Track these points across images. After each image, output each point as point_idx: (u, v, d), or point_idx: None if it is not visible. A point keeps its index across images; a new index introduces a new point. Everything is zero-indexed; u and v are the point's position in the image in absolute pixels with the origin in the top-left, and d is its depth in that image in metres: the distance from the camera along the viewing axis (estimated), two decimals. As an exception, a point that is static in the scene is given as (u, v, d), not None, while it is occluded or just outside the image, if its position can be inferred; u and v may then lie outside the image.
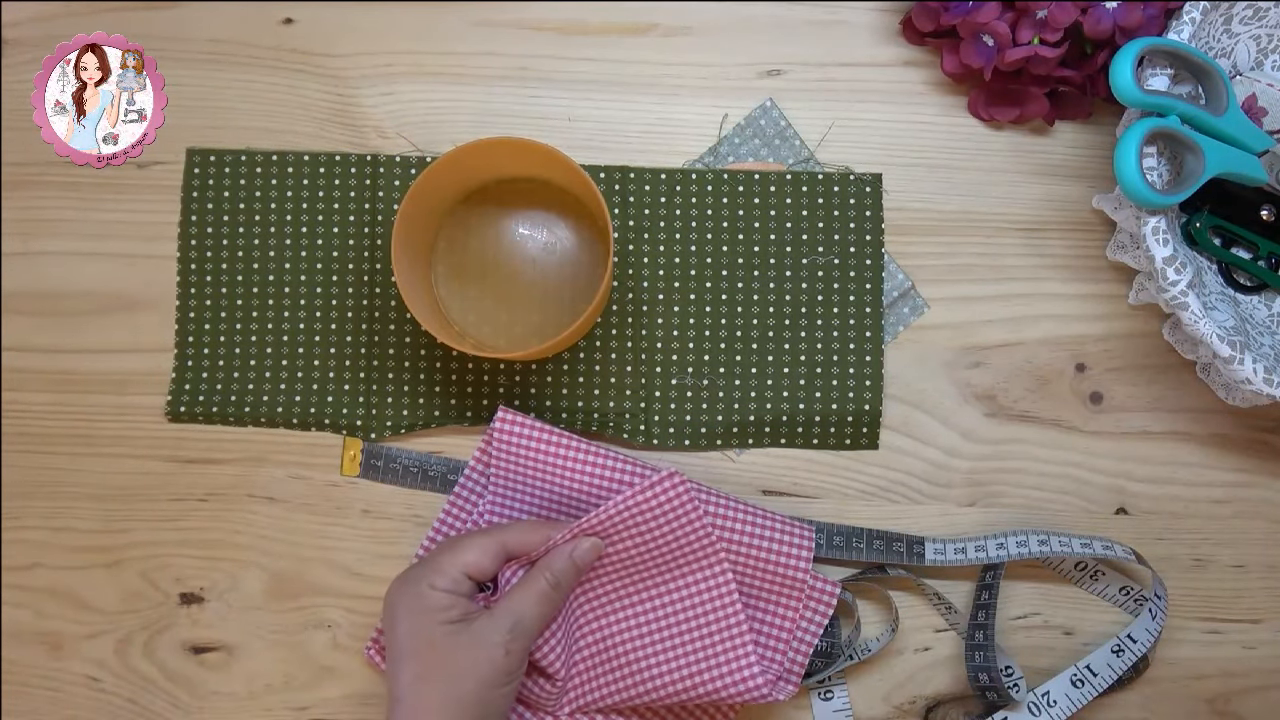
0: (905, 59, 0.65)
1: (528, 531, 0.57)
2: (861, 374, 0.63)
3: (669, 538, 0.58)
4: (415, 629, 0.53)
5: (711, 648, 0.58)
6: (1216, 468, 0.64)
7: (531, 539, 0.56)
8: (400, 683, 0.52)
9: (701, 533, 0.58)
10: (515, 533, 0.56)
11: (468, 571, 0.54)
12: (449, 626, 0.53)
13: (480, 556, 0.55)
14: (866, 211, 0.64)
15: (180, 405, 0.64)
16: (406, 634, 0.53)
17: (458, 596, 0.53)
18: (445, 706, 0.51)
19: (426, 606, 0.53)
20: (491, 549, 0.55)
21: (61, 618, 0.63)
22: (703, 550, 0.58)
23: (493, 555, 0.55)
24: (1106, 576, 0.63)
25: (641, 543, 0.58)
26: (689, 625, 0.59)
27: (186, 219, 0.65)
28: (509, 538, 0.56)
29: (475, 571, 0.54)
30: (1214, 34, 0.60)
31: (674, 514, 0.57)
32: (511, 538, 0.56)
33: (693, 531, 0.58)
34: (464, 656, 0.52)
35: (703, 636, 0.58)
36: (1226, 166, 0.58)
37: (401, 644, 0.53)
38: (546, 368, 0.63)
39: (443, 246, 0.64)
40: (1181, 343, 0.63)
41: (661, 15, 0.66)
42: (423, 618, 0.53)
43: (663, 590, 0.59)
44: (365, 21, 0.66)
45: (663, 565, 0.59)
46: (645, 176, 0.64)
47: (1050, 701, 0.61)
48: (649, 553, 0.58)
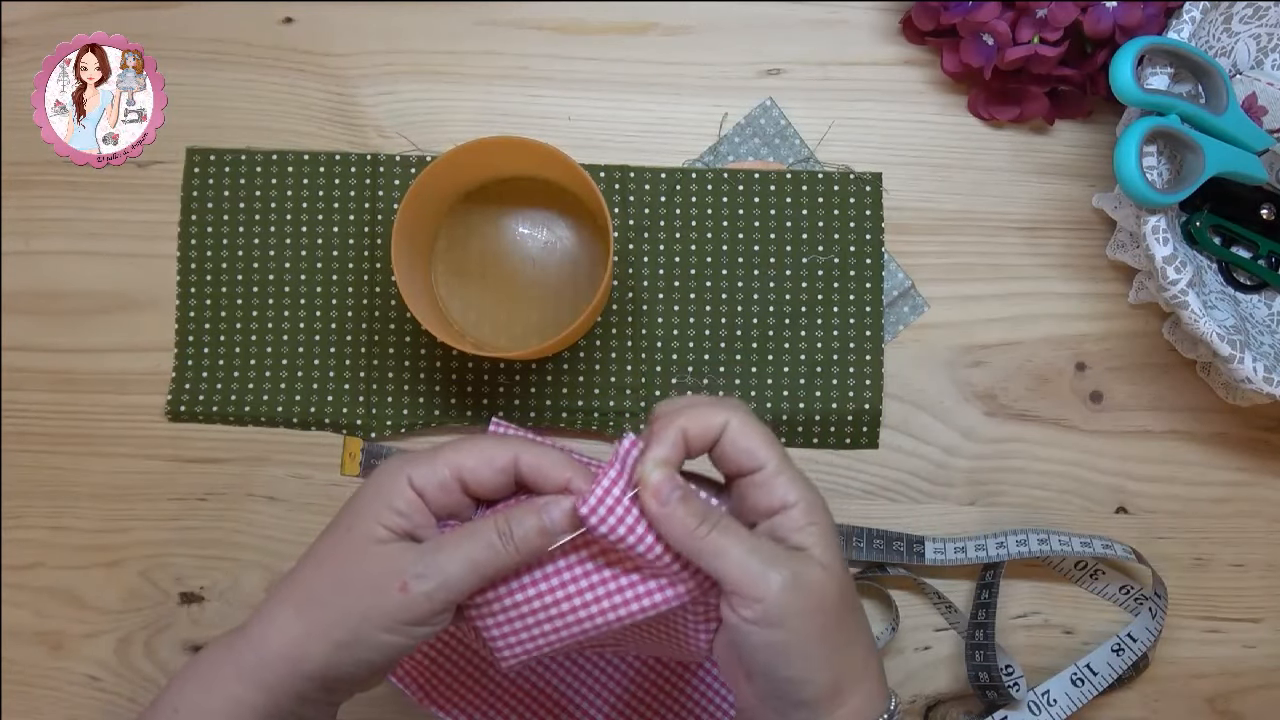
0: (905, 58, 0.65)
1: (550, 459, 0.45)
2: (861, 373, 0.63)
3: None
4: (358, 508, 0.44)
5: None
6: (1217, 467, 0.64)
7: (553, 475, 0.45)
8: (308, 553, 0.45)
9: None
10: (535, 454, 0.45)
11: (461, 477, 0.44)
12: (382, 531, 0.43)
13: (478, 462, 0.44)
14: (866, 210, 0.64)
15: (180, 405, 0.64)
16: (350, 507, 0.45)
17: (424, 507, 0.44)
18: (312, 607, 0.43)
19: (384, 494, 0.44)
20: (496, 458, 0.44)
21: (61, 617, 0.63)
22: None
23: (494, 465, 0.44)
24: (1106, 575, 0.63)
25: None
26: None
27: (186, 218, 0.65)
28: (527, 456, 0.45)
29: (472, 480, 0.44)
30: (1214, 33, 0.60)
31: None
32: (530, 458, 0.45)
33: None
34: (361, 571, 0.43)
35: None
36: (1226, 165, 0.58)
37: (339, 514, 0.45)
38: (546, 367, 0.64)
39: (442, 246, 0.64)
40: (1181, 342, 0.63)
41: (661, 15, 0.66)
42: (371, 502, 0.44)
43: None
44: (365, 21, 0.66)
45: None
46: (645, 176, 0.64)
47: (1050, 700, 0.61)
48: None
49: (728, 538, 0.43)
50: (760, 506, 0.45)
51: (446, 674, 0.62)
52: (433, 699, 0.61)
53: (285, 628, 0.44)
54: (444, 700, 0.61)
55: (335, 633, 0.43)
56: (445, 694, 0.61)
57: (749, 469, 0.45)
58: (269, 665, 0.44)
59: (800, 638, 0.43)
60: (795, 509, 0.44)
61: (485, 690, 0.61)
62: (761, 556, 0.43)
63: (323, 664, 0.43)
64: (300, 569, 0.45)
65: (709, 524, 0.44)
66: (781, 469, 0.45)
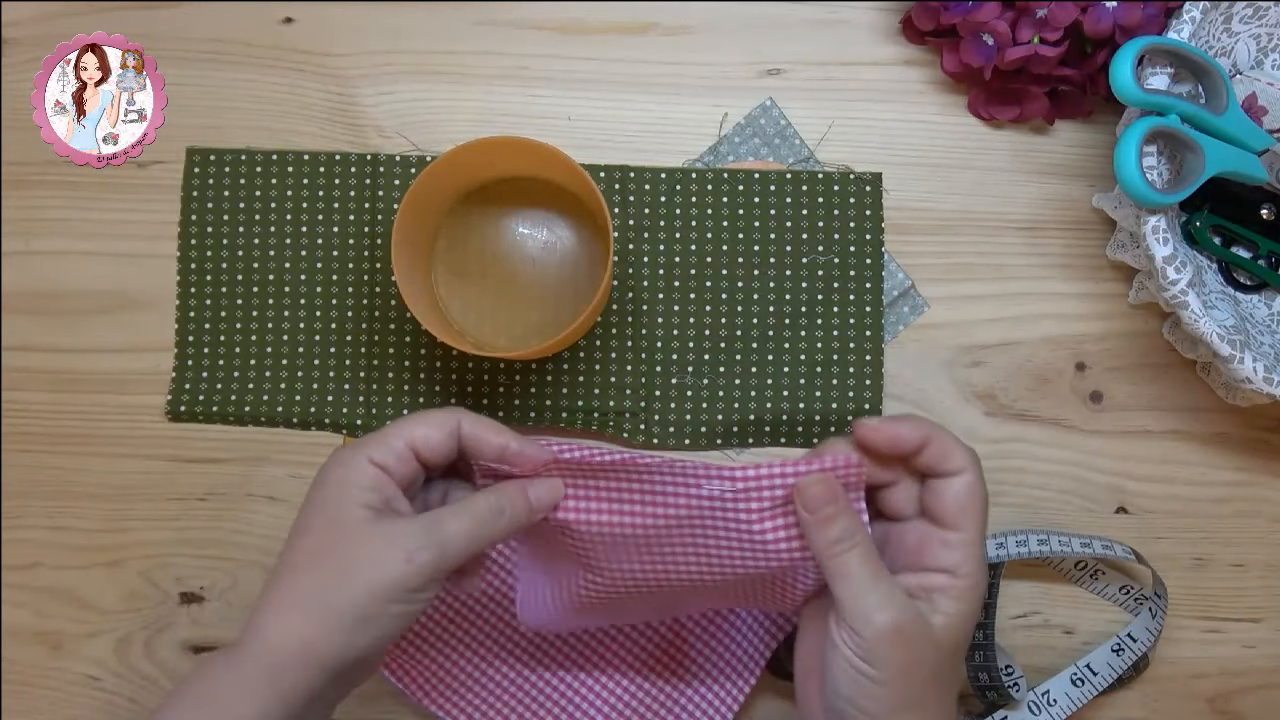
0: (905, 58, 0.65)
1: (487, 429, 0.49)
2: (861, 373, 0.63)
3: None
4: (327, 501, 0.46)
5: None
6: (1217, 467, 0.64)
7: (489, 439, 0.48)
8: (284, 557, 0.46)
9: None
10: (473, 422, 0.49)
11: (414, 445, 0.47)
12: (364, 511, 0.45)
13: (428, 430, 0.47)
14: (866, 211, 0.64)
15: (180, 405, 0.64)
16: (317, 503, 0.46)
17: (390, 479, 0.46)
18: (316, 601, 0.44)
19: (351, 479, 0.46)
20: (443, 423, 0.48)
21: (61, 617, 0.63)
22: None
23: (444, 430, 0.47)
24: (1106, 575, 0.63)
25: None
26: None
27: (186, 218, 0.65)
28: (466, 423, 0.48)
29: (424, 448, 0.47)
30: (1214, 33, 0.60)
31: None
32: (469, 424, 0.48)
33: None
34: (362, 552, 0.45)
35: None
36: (1226, 165, 0.58)
37: (307, 513, 0.46)
38: (546, 367, 0.63)
39: (443, 246, 0.64)
40: (1181, 342, 0.63)
41: (661, 15, 0.66)
42: (342, 491, 0.45)
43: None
44: (365, 21, 0.66)
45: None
46: (645, 176, 0.64)
47: (1050, 700, 0.61)
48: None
49: (857, 564, 0.46)
50: (928, 562, 0.47)
51: (446, 673, 0.62)
52: (432, 698, 0.61)
53: (293, 630, 0.45)
54: (444, 700, 0.61)
55: (346, 617, 0.44)
56: (445, 694, 0.61)
57: (946, 522, 0.47)
58: (281, 670, 0.44)
59: (884, 680, 0.45)
60: (959, 582, 0.47)
61: (485, 690, 0.61)
62: (880, 595, 0.46)
63: (339, 651, 0.45)
64: (288, 573, 0.46)
65: (846, 544, 0.46)
66: (975, 542, 0.47)
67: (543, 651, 0.62)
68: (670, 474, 0.49)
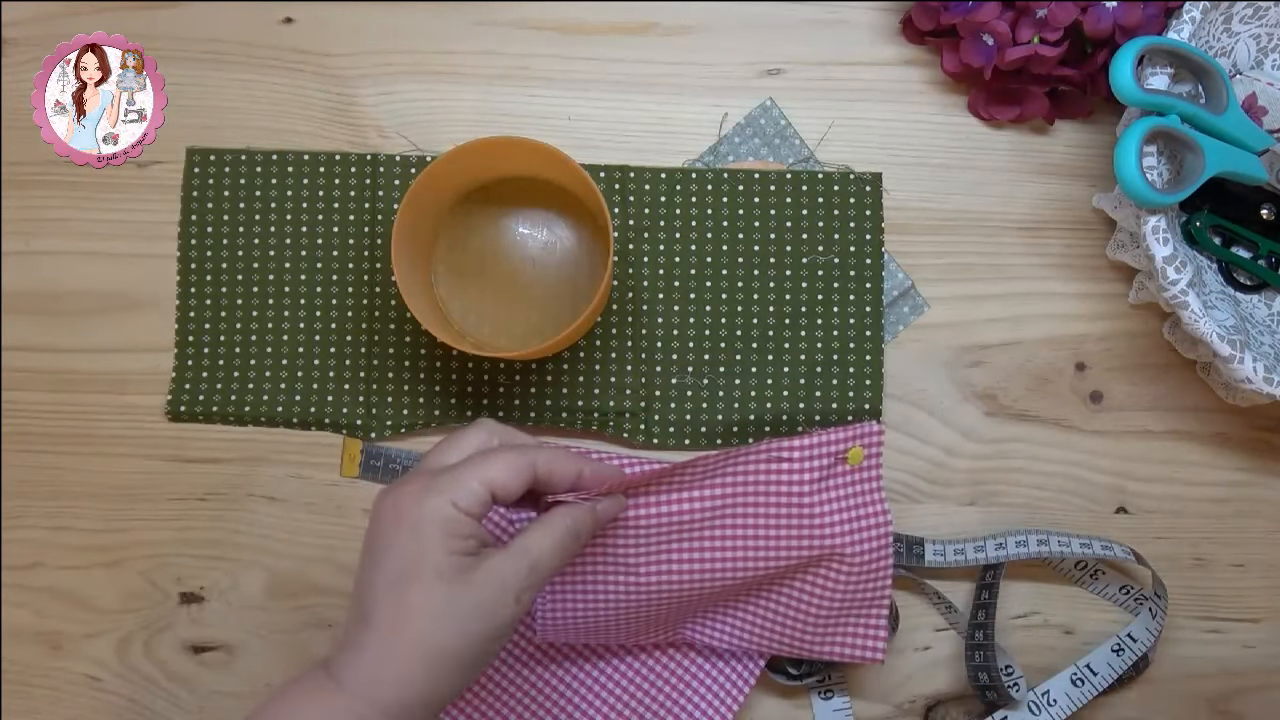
0: (905, 58, 0.65)
1: (561, 460, 0.48)
2: (861, 373, 0.63)
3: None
4: (422, 551, 0.45)
5: (845, 619, 0.58)
6: (1217, 467, 0.64)
7: (565, 470, 0.48)
8: (378, 604, 0.45)
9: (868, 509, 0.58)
10: (548, 457, 0.48)
11: (493, 490, 0.46)
12: (461, 559, 0.45)
13: (508, 475, 0.46)
14: (866, 211, 0.64)
15: (180, 405, 0.64)
16: (404, 550, 0.45)
17: (479, 523, 0.46)
18: (435, 654, 0.44)
19: (444, 529, 0.45)
20: (522, 469, 0.47)
21: (61, 617, 0.63)
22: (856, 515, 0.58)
23: (522, 476, 0.47)
24: (1106, 575, 0.63)
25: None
26: (826, 592, 0.58)
27: (186, 218, 0.65)
28: (541, 460, 0.48)
29: (501, 493, 0.46)
30: (1214, 33, 0.60)
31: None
32: (544, 461, 0.48)
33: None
34: (472, 596, 0.45)
35: (839, 608, 0.58)
36: (1226, 165, 0.58)
37: (393, 559, 0.45)
38: (546, 367, 0.63)
39: (443, 246, 0.64)
40: (1181, 342, 0.63)
41: (661, 15, 0.66)
42: (434, 540, 0.45)
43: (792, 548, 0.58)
44: (365, 21, 0.66)
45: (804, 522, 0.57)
46: (645, 176, 0.64)
47: (1050, 700, 0.61)
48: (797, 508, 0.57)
49: None
50: None
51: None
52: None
53: (415, 682, 0.45)
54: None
55: (464, 661, 0.45)
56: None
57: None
58: (398, 715, 0.45)
59: None
60: None
61: (484, 690, 0.61)
62: None
63: (454, 694, 0.46)
64: (394, 621, 0.45)
65: None
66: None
67: (543, 651, 0.61)
68: (716, 460, 0.55)
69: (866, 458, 0.58)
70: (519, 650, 0.62)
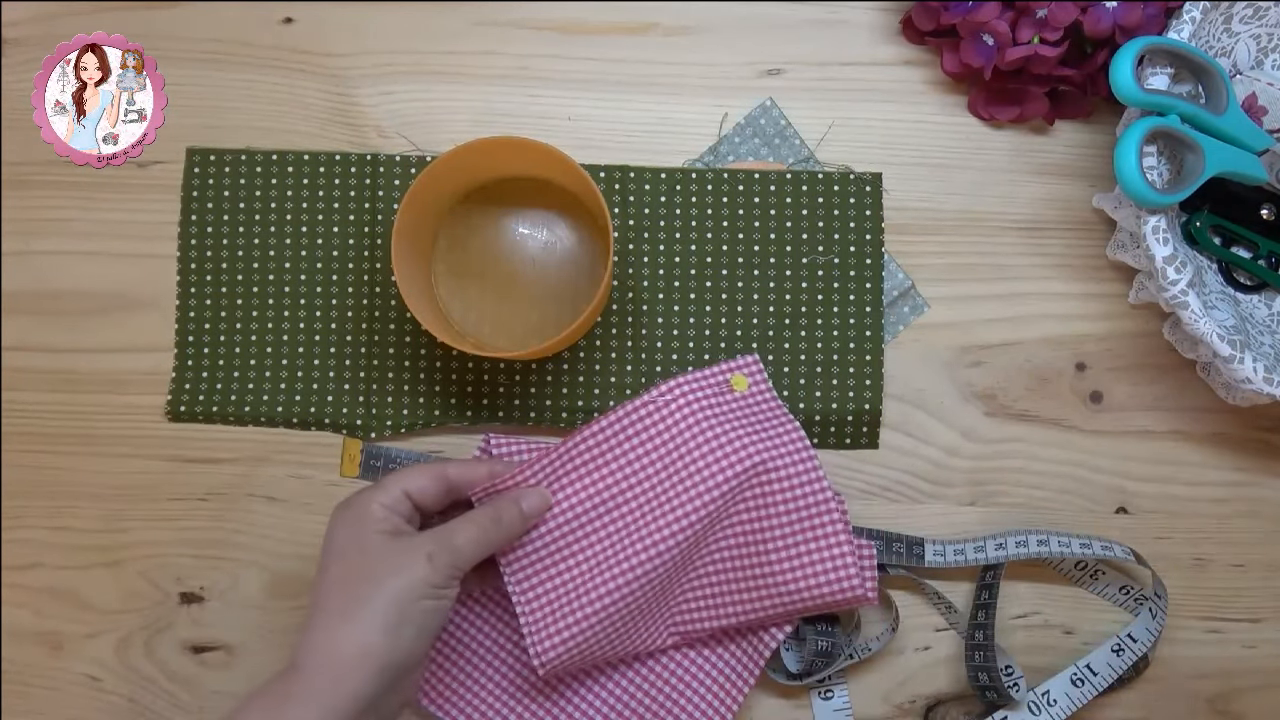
0: (905, 58, 0.65)
1: (471, 466, 0.57)
2: (861, 373, 0.63)
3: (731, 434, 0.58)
4: (349, 537, 0.53)
5: (805, 553, 0.58)
6: (1217, 467, 0.64)
7: (474, 473, 0.57)
8: (319, 588, 0.52)
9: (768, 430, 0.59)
10: (458, 465, 0.57)
11: (408, 491, 0.54)
12: (382, 535, 0.53)
13: (423, 481, 0.55)
14: (866, 211, 0.64)
15: (180, 405, 0.64)
16: (338, 542, 0.53)
17: (394, 513, 0.54)
18: (360, 609, 0.51)
19: (363, 516, 0.53)
20: (434, 474, 0.55)
21: (61, 618, 0.63)
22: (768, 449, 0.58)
23: (435, 480, 0.55)
24: (1106, 576, 0.63)
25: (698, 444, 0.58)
26: (776, 530, 0.58)
27: (186, 219, 0.65)
28: (451, 468, 0.56)
29: (417, 494, 0.54)
30: (1214, 33, 0.60)
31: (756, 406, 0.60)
32: (454, 469, 0.56)
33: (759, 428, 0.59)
34: (388, 561, 0.52)
35: (793, 541, 0.58)
36: (1226, 165, 0.58)
37: (331, 551, 0.53)
38: (546, 367, 0.64)
39: (443, 246, 0.64)
40: (1181, 342, 0.63)
41: (661, 15, 0.66)
42: (357, 527, 0.53)
43: (739, 502, 0.59)
44: (365, 21, 0.66)
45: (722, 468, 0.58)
46: (645, 176, 0.64)
47: (1050, 700, 0.61)
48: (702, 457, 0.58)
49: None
50: None
51: (446, 674, 0.62)
52: (431, 698, 0.61)
53: (348, 636, 0.50)
54: (443, 700, 0.61)
55: (390, 617, 0.51)
56: (444, 693, 0.61)
57: None
58: (343, 675, 0.50)
59: None
60: None
61: (484, 690, 0.61)
62: None
63: (388, 650, 0.50)
64: (325, 599, 0.52)
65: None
66: None
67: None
68: (609, 424, 0.58)
69: (752, 385, 0.60)
70: (520, 651, 0.62)
